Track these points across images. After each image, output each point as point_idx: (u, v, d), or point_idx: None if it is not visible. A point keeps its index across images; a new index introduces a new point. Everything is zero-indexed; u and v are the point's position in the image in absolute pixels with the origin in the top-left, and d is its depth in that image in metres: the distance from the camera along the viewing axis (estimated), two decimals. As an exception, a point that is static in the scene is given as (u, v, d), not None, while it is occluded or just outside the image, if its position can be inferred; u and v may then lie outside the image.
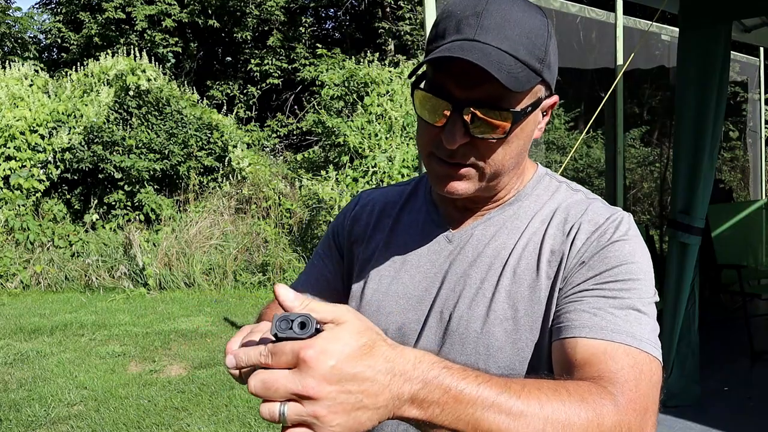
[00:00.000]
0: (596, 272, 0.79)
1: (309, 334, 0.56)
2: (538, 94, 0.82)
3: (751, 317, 4.50)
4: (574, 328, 0.75)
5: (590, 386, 0.66)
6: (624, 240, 0.81)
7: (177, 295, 7.31)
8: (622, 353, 0.71)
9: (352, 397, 0.55)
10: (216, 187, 9.17)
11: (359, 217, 1.04)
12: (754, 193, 6.86)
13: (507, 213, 0.91)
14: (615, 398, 0.65)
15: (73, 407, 3.96)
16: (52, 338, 5.55)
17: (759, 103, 6.70)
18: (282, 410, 0.55)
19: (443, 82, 0.78)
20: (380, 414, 0.57)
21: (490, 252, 0.88)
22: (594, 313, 0.75)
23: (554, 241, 0.85)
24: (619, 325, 0.73)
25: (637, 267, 0.79)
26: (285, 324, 0.57)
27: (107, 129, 8.58)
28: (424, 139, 0.85)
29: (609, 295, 0.76)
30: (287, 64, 13.83)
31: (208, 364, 4.72)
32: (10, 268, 7.77)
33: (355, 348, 0.56)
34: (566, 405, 0.62)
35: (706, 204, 3.48)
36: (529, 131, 0.84)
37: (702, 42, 3.38)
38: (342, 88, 9.55)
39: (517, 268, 0.85)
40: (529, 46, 0.77)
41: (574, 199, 0.89)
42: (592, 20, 4.45)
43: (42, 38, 16.21)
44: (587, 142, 8.52)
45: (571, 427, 0.61)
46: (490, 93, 0.76)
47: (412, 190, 1.03)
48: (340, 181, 8.42)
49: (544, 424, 0.60)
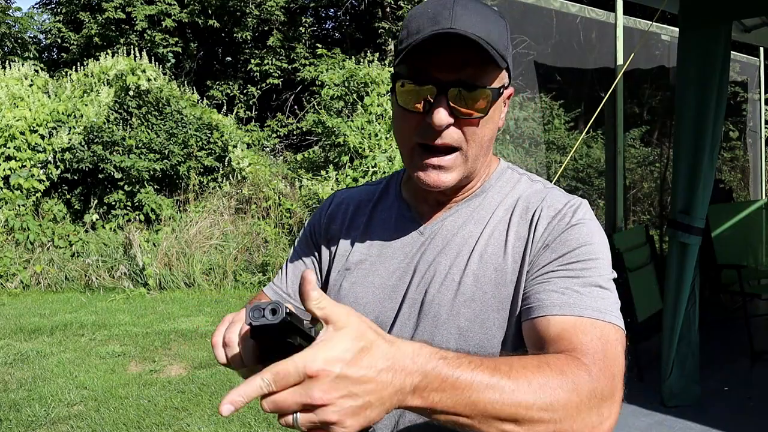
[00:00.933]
0: (559, 254, 0.86)
1: (280, 319, 0.60)
2: (504, 80, 0.90)
3: (751, 317, 4.50)
4: (545, 307, 0.82)
5: (566, 359, 0.73)
6: (581, 223, 0.88)
7: (177, 295, 7.31)
8: (590, 326, 0.78)
9: (359, 399, 0.59)
10: (216, 187, 9.17)
11: (335, 216, 1.09)
12: (754, 193, 6.86)
13: (473, 204, 0.97)
14: (588, 368, 0.72)
15: (73, 407, 3.96)
16: (52, 338, 5.55)
17: (759, 103, 6.70)
18: (296, 419, 0.60)
19: (424, 69, 0.85)
20: (386, 407, 0.62)
21: (458, 240, 0.94)
22: (562, 292, 0.82)
23: (518, 228, 0.92)
24: (585, 302, 0.80)
25: (596, 248, 0.86)
26: (258, 313, 0.60)
27: (107, 129, 8.58)
28: (406, 131, 0.89)
29: (573, 274, 0.83)
30: (287, 64, 13.83)
31: (208, 364, 4.72)
32: (10, 268, 7.77)
33: (355, 352, 0.60)
34: (549, 379, 0.68)
35: (706, 204, 3.48)
36: (497, 117, 0.91)
37: (702, 42, 3.38)
38: (342, 88, 9.55)
39: (484, 254, 0.92)
40: (497, 35, 0.85)
41: (534, 188, 0.97)
42: (592, 20, 4.45)
43: (42, 38, 16.21)
44: (587, 142, 8.52)
45: (556, 398, 0.67)
46: (470, 74, 0.84)
47: (384, 189, 1.09)
48: (340, 181, 8.42)
49: (534, 398, 0.66)
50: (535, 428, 0.66)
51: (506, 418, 0.65)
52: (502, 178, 0.99)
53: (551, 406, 0.67)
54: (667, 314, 3.52)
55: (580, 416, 0.69)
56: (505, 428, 0.65)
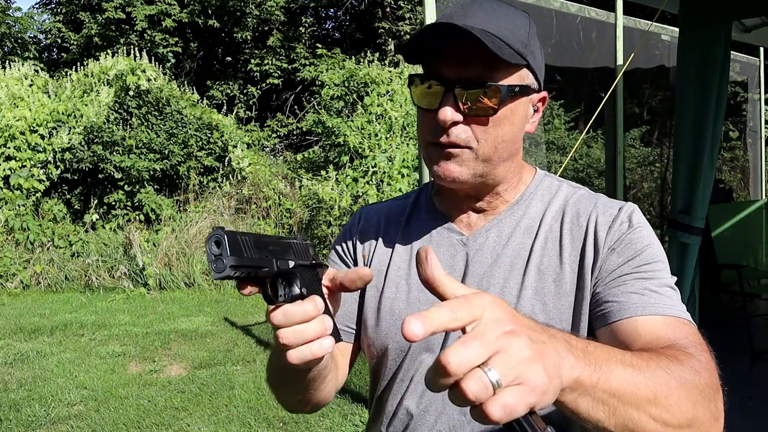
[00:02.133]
0: (628, 257, 0.84)
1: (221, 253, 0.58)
2: (526, 79, 0.86)
3: (751, 317, 4.50)
4: (628, 308, 0.80)
5: (673, 350, 0.70)
6: (641, 227, 0.88)
7: (177, 295, 7.31)
8: (679, 324, 0.78)
9: (538, 335, 0.52)
10: (216, 187, 9.17)
11: (366, 231, 1.04)
12: (754, 193, 6.86)
13: (517, 214, 0.94)
14: (698, 359, 0.70)
15: (73, 407, 3.96)
16: (52, 338, 5.55)
17: (759, 103, 6.69)
18: (488, 375, 0.47)
19: (435, 68, 0.84)
20: (557, 359, 0.52)
21: (509, 252, 0.91)
22: (641, 293, 0.81)
23: (572, 235, 0.90)
24: (665, 302, 0.80)
25: (659, 249, 0.87)
26: (216, 265, 0.58)
27: (107, 129, 8.58)
28: (422, 128, 0.89)
29: (646, 276, 0.82)
30: (287, 64, 13.83)
31: (208, 364, 4.72)
32: (10, 268, 7.77)
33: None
34: (673, 366, 0.65)
35: (706, 204, 3.48)
36: (519, 118, 0.88)
37: (702, 42, 3.38)
38: (342, 88, 9.55)
39: (541, 265, 0.89)
40: (512, 31, 0.83)
41: (579, 194, 0.94)
42: (592, 20, 4.45)
43: (42, 38, 16.22)
44: (587, 142, 8.52)
45: (685, 383, 0.64)
46: (478, 71, 0.82)
47: (414, 202, 1.04)
48: (340, 181, 8.41)
49: (668, 383, 0.63)
50: (672, 419, 0.63)
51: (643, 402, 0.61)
52: (542, 186, 0.97)
53: (683, 399, 0.64)
54: (667, 314, 3.51)
55: (708, 410, 0.66)
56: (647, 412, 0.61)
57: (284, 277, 0.67)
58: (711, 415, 0.66)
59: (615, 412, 0.59)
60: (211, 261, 0.58)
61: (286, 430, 3.56)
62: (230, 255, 0.58)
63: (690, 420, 0.64)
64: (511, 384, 0.47)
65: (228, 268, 0.58)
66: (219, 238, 0.58)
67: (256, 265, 0.62)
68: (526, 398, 0.47)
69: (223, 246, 0.58)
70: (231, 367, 4.62)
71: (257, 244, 0.63)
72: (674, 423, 0.63)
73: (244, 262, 0.60)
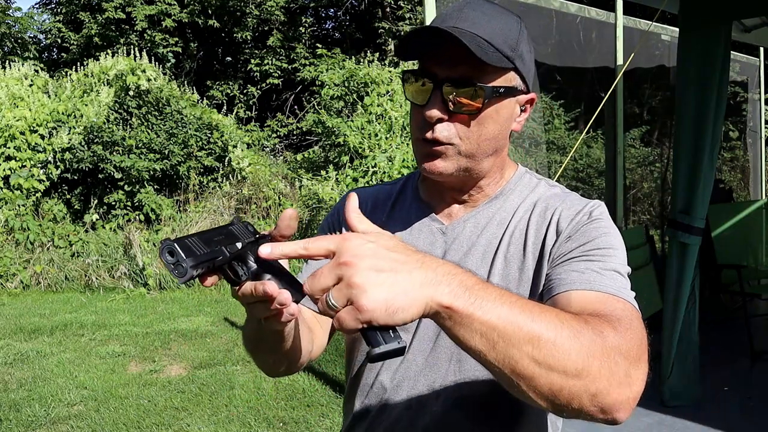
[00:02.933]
0: (580, 243, 0.89)
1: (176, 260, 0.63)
2: (513, 81, 0.91)
3: (751, 317, 4.50)
4: (565, 284, 0.83)
5: (586, 316, 0.71)
6: (601, 219, 0.92)
7: (177, 295, 7.31)
8: (613, 300, 0.79)
9: (384, 262, 0.60)
10: (216, 187, 9.17)
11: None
12: (754, 193, 6.86)
13: (494, 206, 1.00)
14: (613, 325, 0.70)
15: (73, 407, 3.96)
16: (52, 338, 5.55)
17: (759, 103, 6.69)
18: (329, 298, 0.60)
19: (427, 66, 0.89)
20: (415, 293, 0.60)
21: (483, 242, 0.97)
22: (582, 272, 0.84)
23: (537, 227, 0.95)
24: (605, 281, 0.82)
25: (615, 240, 0.89)
26: (176, 270, 0.63)
27: (107, 129, 8.58)
28: (413, 124, 0.94)
29: (593, 259, 0.86)
30: (287, 64, 13.83)
31: (208, 364, 4.72)
32: (10, 268, 7.77)
33: (387, 237, 0.65)
34: (572, 320, 0.66)
35: (706, 204, 3.48)
36: (504, 118, 0.92)
37: (702, 42, 3.38)
38: (342, 88, 9.54)
39: (507, 254, 0.95)
40: (501, 35, 0.88)
41: (552, 192, 1.00)
42: (592, 20, 4.45)
43: (42, 38, 16.21)
44: (587, 142, 8.52)
45: (580, 335, 0.65)
46: (465, 72, 0.86)
47: (401, 189, 1.10)
48: (340, 181, 8.41)
49: (557, 330, 0.64)
50: (556, 363, 0.63)
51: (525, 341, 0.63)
52: (521, 182, 1.02)
53: (575, 348, 0.64)
54: (667, 314, 3.51)
55: (607, 368, 0.65)
56: (525, 352, 0.63)
57: (238, 258, 0.72)
58: (611, 374, 0.65)
59: (495, 346, 0.62)
60: (171, 270, 0.63)
61: (286, 430, 3.56)
62: (186, 258, 0.63)
63: (579, 370, 0.63)
64: (346, 304, 0.59)
65: (189, 270, 0.63)
66: (171, 247, 0.63)
67: (210, 257, 0.67)
68: (356, 315, 0.58)
69: (176, 253, 0.63)
70: (231, 367, 4.62)
71: (204, 240, 0.68)
72: (558, 368, 0.63)
73: (200, 259, 0.64)
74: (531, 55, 0.93)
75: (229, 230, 0.74)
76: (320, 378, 4.24)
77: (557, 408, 0.66)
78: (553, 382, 0.63)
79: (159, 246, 0.64)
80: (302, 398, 3.96)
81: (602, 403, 0.65)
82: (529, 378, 0.63)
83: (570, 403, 0.65)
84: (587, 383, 0.64)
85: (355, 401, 1.06)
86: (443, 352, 0.96)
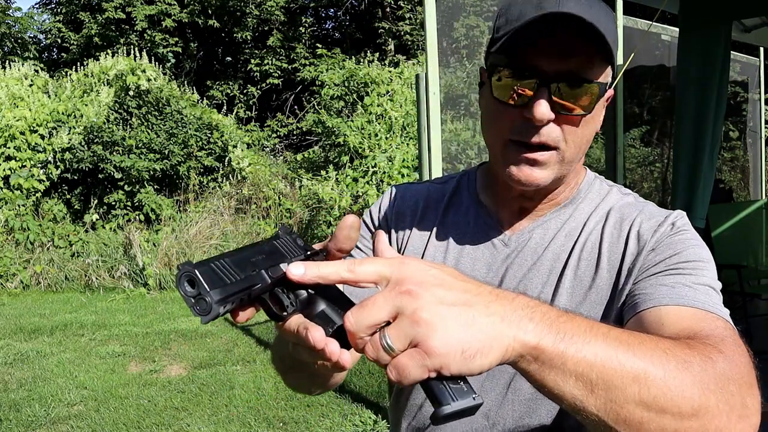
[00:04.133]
0: (666, 256, 0.79)
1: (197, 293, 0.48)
2: (608, 77, 0.81)
3: (751, 317, 4.50)
4: (653, 299, 0.73)
5: (688, 339, 0.62)
6: (686, 231, 0.82)
7: (177, 295, 7.30)
8: (711, 318, 0.69)
9: (454, 293, 0.49)
10: (216, 187, 9.17)
11: (402, 212, 0.98)
12: (754, 193, 6.85)
13: (564, 215, 0.89)
14: (719, 348, 0.60)
15: (73, 407, 3.96)
16: (52, 338, 5.55)
17: (759, 103, 6.69)
18: (385, 338, 0.47)
19: (527, 59, 0.76)
20: (495, 319, 0.49)
21: (549, 255, 0.87)
22: (672, 286, 0.74)
23: (612, 240, 0.85)
24: (699, 297, 0.72)
25: (704, 252, 0.79)
26: (197, 307, 0.48)
27: (107, 129, 8.58)
28: (500, 126, 0.81)
29: (684, 272, 0.76)
30: (287, 64, 13.83)
31: (208, 364, 4.72)
32: (10, 268, 7.77)
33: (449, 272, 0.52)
34: (676, 348, 0.57)
35: (706, 204, 3.48)
36: (599, 118, 0.83)
37: (702, 42, 3.38)
38: (342, 88, 9.55)
39: (578, 270, 0.85)
40: (606, 24, 0.75)
41: (626, 201, 0.89)
42: (592, 20, 4.45)
43: (42, 38, 16.22)
44: (587, 142, 8.51)
45: (689, 365, 0.55)
46: (578, 66, 0.75)
47: (454, 190, 0.98)
48: (340, 181, 8.42)
49: (663, 363, 0.54)
50: (669, 404, 0.53)
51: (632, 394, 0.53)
52: (592, 188, 0.91)
53: (687, 383, 0.54)
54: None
55: (724, 401, 0.55)
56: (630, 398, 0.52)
57: (282, 284, 0.54)
58: (730, 408, 0.55)
59: (593, 390, 0.52)
60: (191, 305, 0.48)
61: (286, 430, 3.56)
62: (211, 290, 0.47)
63: (696, 409, 0.54)
64: (408, 347, 0.47)
65: (215, 306, 0.47)
66: (190, 275, 0.47)
67: (245, 287, 0.51)
68: (421, 361, 0.47)
69: (198, 283, 0.47)
70: (231, 367, 4.62)
71: (237, 262, 0.52)
72: (671, 409, 0.53)
73: (230, 290, 0.49)
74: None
75: (272, 245, 0.58)
76: (320, 378, 4.23)
77: None
78: (665, 427, 0.53)
79: (177, 272, 0.48)
80: (302, 398, 3.95)
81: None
82: (637, 425, 0.53)
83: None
84: (705, 423, 0.54)
85: (401, 421, 0.95)
86: (500, 377, 0.86)
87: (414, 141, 8.31)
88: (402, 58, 12.07)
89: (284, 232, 0.61)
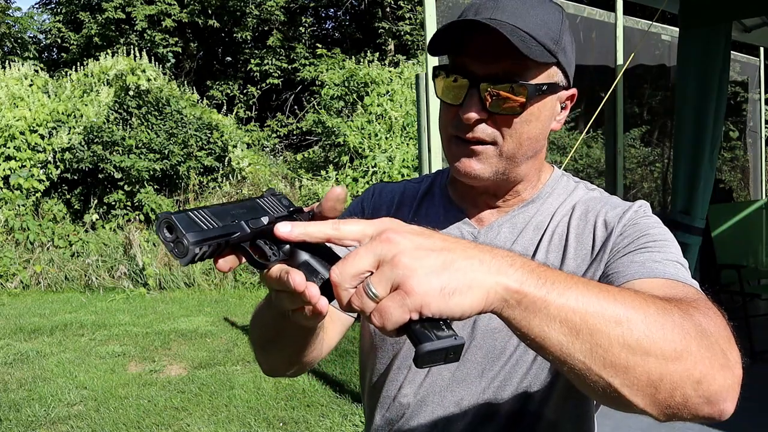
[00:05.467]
0: (634, 237, 0.82)
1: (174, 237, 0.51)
2: (555, 77, 0.83)
3: (751, 317, 4.49)
4: (626, 275, 0.76)
5: (664, 297, 0.62)
6: (650, 216, 0.87)
7: (177, 295, 7.31)
8: (682, 286, 0.71)
9: (435, 242, 0.51)
10: (216, 187, 9.17)
11: (378, 208, 1.01)
12: (754, 193, 6.86)
13: (530, 211, 0.93)
14: (695, 306, 0.61)
15: (73, 407, 3.96)
16: (52, 338, 5.55)
17: (759, 103, 6.69)
18: (369, 285, 0.49)
19: (462, 62, 0.81)
20: (474, 262, 0.51)
21: (518, 248, 0.90)
22: (642, 263, 0.76)
23: (579, 231, 0.89)
24: (669, 270, 0.74)
25: (668, 234, 0.83)
26: (177, 249, 0.51)
27: (107, 129, 8.58)
28: (444, 122, 0.86)
29: (652, 250, 0.78)
30: (287, 64, 13.83)
31: (208, 364, 4.71)
32: (10, 268, 7.76)
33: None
34: (656, 299, 0.58)
35: (706, 204, 3.48)
36: (546, 117, 0.85)
37: (702, 42, 3.39)
38: (342, 88, 9.55)
39: (546, 261, 0.88)
40: (543, 27, 0.80)
41: (591, 195, 0.94)
42: (592, 20, 4.45)
43: (42, 38, 16.21)
44: (587, 142, 8.52)
45: (669, 312, 0.57)
46: (506, 69, 0.79)
47: (428, 188, 1.02)
48: (340, 181, 8.42)
49: (644, 308, 0.56)
50: (652, 345, 0.54)
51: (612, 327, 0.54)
52: (559, 185, 0.95)
53: (668, 326, 0.55)
54: (667, 314, 3.51)
55: (706, 348, 0.56)
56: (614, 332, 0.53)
57: (264, 235, 0.57)
58: (712, 355, 0.56)
59: (578, 334, 0.52)
60: (171, 250, 0.51)
61: (286, 430, 3.56)
62: (186, 233, 0.50)
63: (678, 352, 0.54)
64: (390, 291, 0.49)
65: (191, 246, 0.50)
66: (169, 221, 0.50)
67: (222, 233, 0.53)
68: (401, 301, 0.48)
69: (176, 228, 0.50)
70: (231, 367, 4.62)
71: (216, 213, 0.55)
72: (655, 351, 0.54)
73: (207, 234, 0.52)
74: (573, 47, 0.86)
75: (254, 203, 0.60)
76: (320, 378, 4.23)
77: (659, 405, 0.56)
78: (651, 369, 0.54)
79: (155, 221, 0.52)
80: (302, 398, 3.95)
81: (708, 391, 0.56)
82: (624, 369, 0.54)
83: (673, 396, 0.55)
84: (689, 367, 0.55)
85: (375, 414, 0.98)
86: (473, 366, 0.89)
87: (414, 141, 8.31)
88: (402, 58, 12.07)
89: (270, 193, 0.64)
